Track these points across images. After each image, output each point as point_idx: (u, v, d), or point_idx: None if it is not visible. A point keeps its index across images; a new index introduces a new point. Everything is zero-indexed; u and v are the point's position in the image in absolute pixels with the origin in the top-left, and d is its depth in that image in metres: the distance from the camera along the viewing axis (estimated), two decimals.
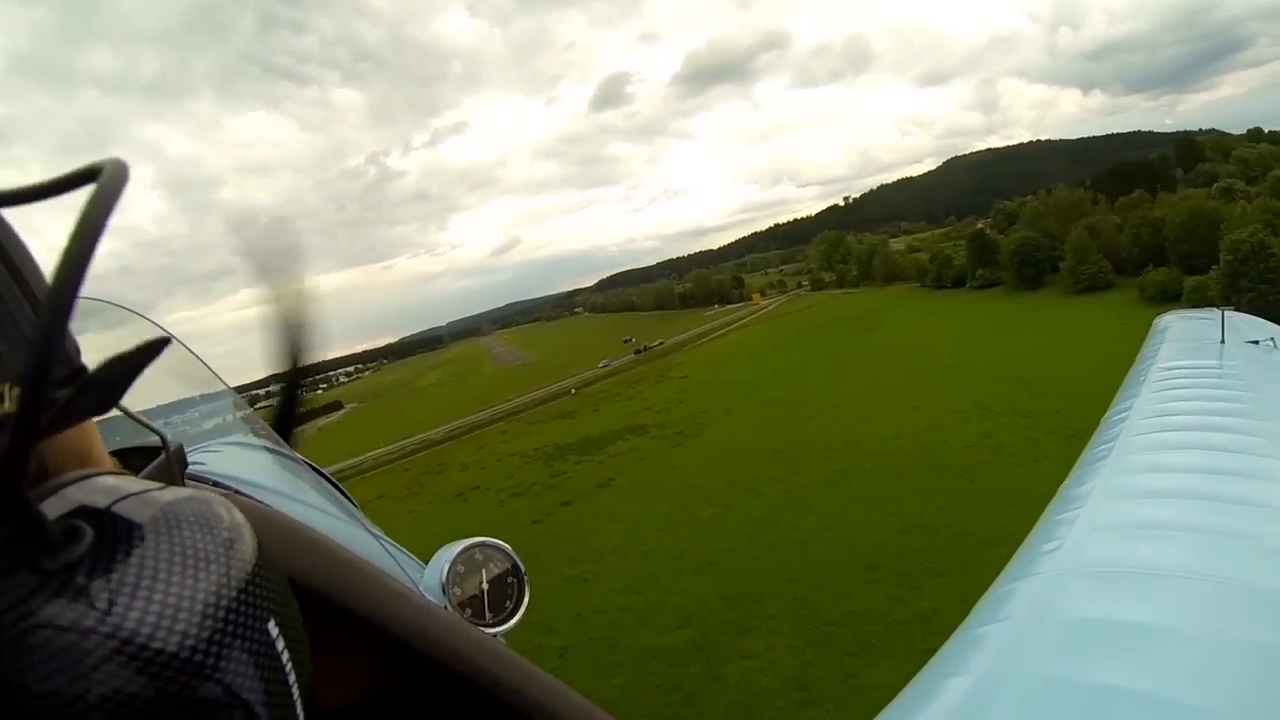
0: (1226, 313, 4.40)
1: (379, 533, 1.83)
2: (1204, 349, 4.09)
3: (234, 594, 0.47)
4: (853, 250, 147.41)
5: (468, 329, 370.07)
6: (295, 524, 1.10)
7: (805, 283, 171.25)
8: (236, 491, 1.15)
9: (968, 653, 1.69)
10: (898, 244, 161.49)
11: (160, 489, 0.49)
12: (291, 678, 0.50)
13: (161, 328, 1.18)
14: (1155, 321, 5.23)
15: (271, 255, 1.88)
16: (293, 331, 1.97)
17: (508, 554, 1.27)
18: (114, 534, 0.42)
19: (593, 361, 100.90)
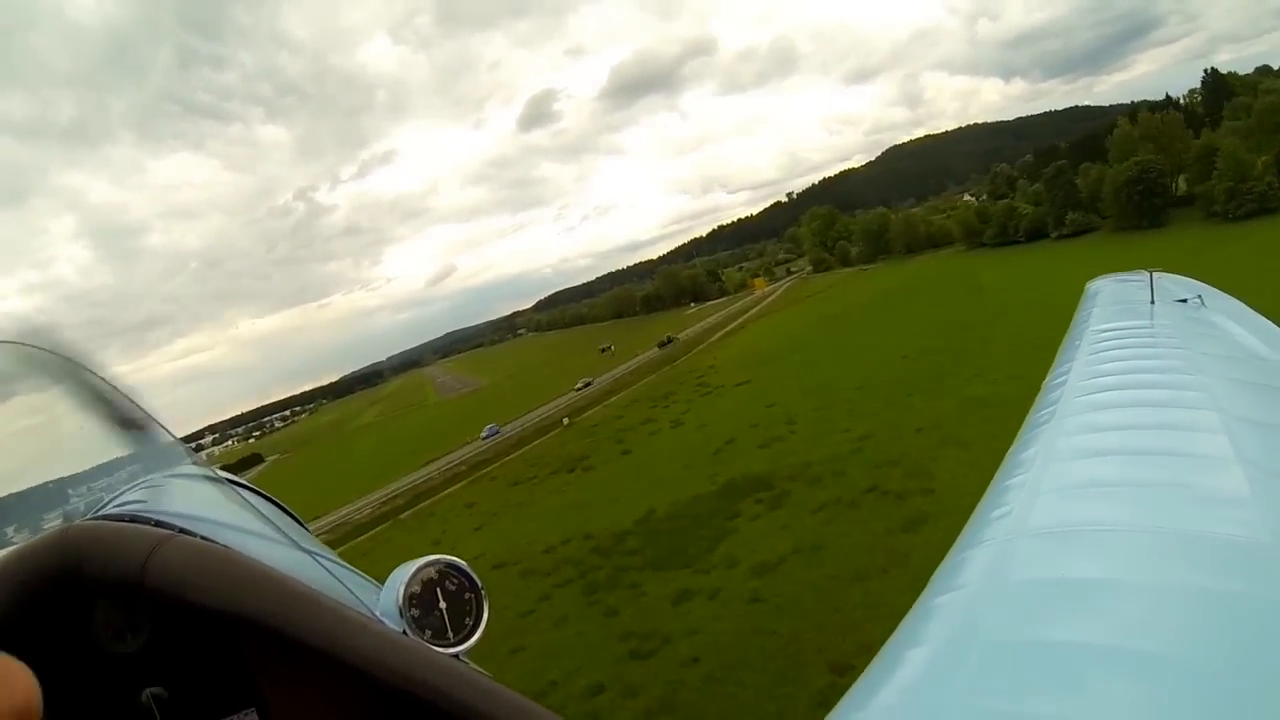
0: (1155, 274, 4.58)
1: (333, 556, 1.78)
2: (1135, 310, 4.24)
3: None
4: (852, 226, 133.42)
5: (409, 361, 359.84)
6: (241, 559, 1.07)
7: (797, 267, 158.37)
8: (182, 530, 1.13)
9: (929, 623, 1.72)
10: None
11: None
12: None
13: (92, 370, 1.18)
14: (1087, 286, 5.41)
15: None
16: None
17: (464, 570, 1.23)
18: None
19: (566, 380, 78.10)
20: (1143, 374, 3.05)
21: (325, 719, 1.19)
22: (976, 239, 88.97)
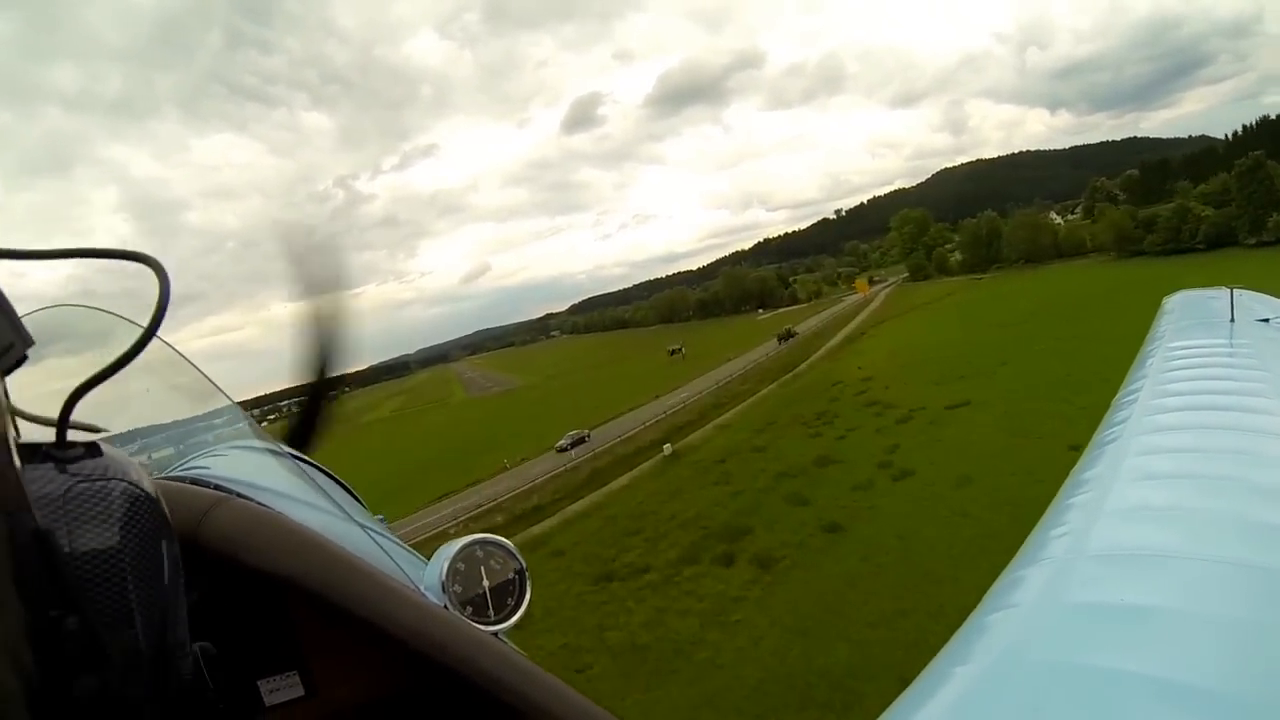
0: (1235, 291, 4.35)
1: (383, 531, 1.84)
2: (1214, 328, 4.04)
3: (136, 526, 0.67)
4: (952, 233, 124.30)
5: (437, 355, 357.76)
6: (292, 525, 1.10)
7: (880, 277, 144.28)
8: (237, 494, 1.16)
9: (978, 641, 1.67)
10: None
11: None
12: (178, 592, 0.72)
13: (168, 344, 1.20)
14: (1164, 301, 5.18)
15: (311, 269, 1.86)
16: (321, 342, 1.96)
17: (510, 551, 1.26)
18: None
19: (623, 386, 67.13)
20: (1217, 395, 2.89)
21: (364, 685, 1.22)
22: (1131, 246, 77.69)
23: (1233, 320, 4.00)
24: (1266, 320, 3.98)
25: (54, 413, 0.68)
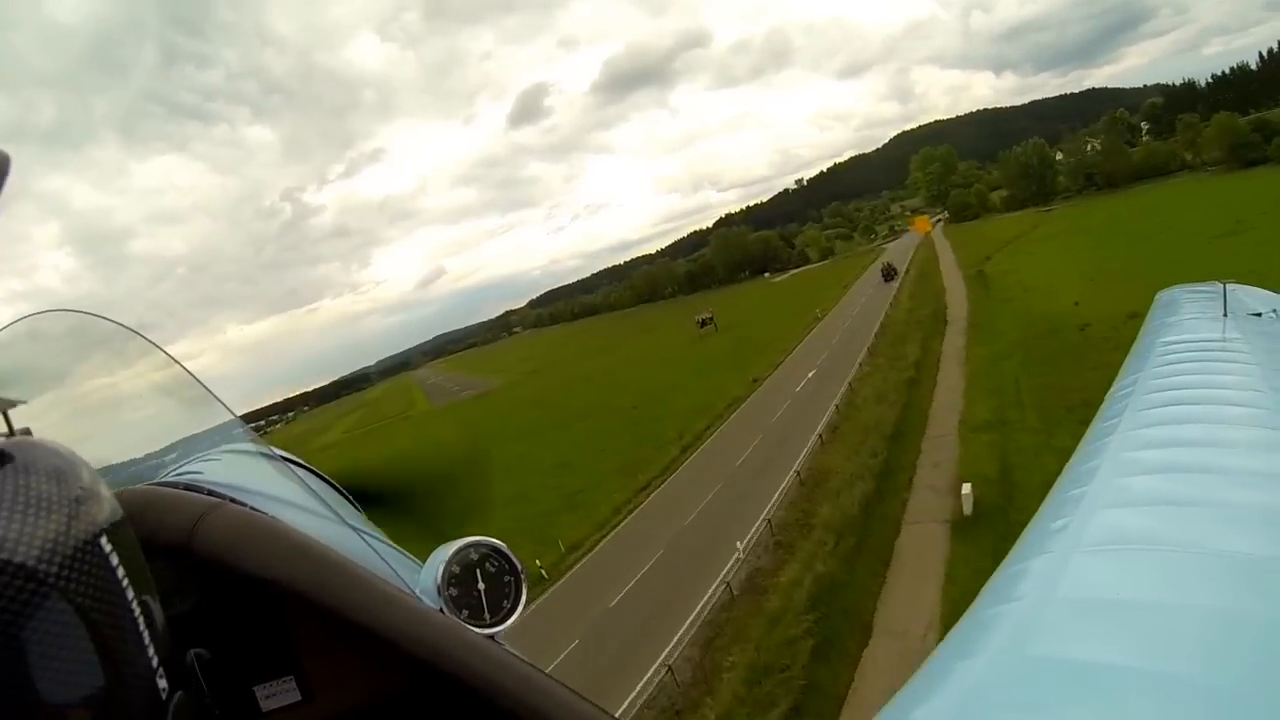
0: (1229, 285, 4.38)
1: (377, 534, 1.83)
2: (1206, 323, 4.06)
3: (69, 519, 0.59)
4: (975, 172, 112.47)
5: (398, 364, 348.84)
6: (286, 530, 1.11)
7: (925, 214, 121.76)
8: (231, 499, 1.16)
9: (979, 634, 1.67)
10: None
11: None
12: (130, 596, 0.62)
13: (160, 347, 1.20)
14: (1157, 296, 5.21)
15: None
16: None
17: (504, 553, 1.25)
18: None
19: (657, 372, 51.95)
20: (1211, 389, 2.91)
21: (361, 690, 1.22)
22: (1250, 154, 69.15)
23: (1225, 315, 4.03)
24: (1259, 314, 4.02)
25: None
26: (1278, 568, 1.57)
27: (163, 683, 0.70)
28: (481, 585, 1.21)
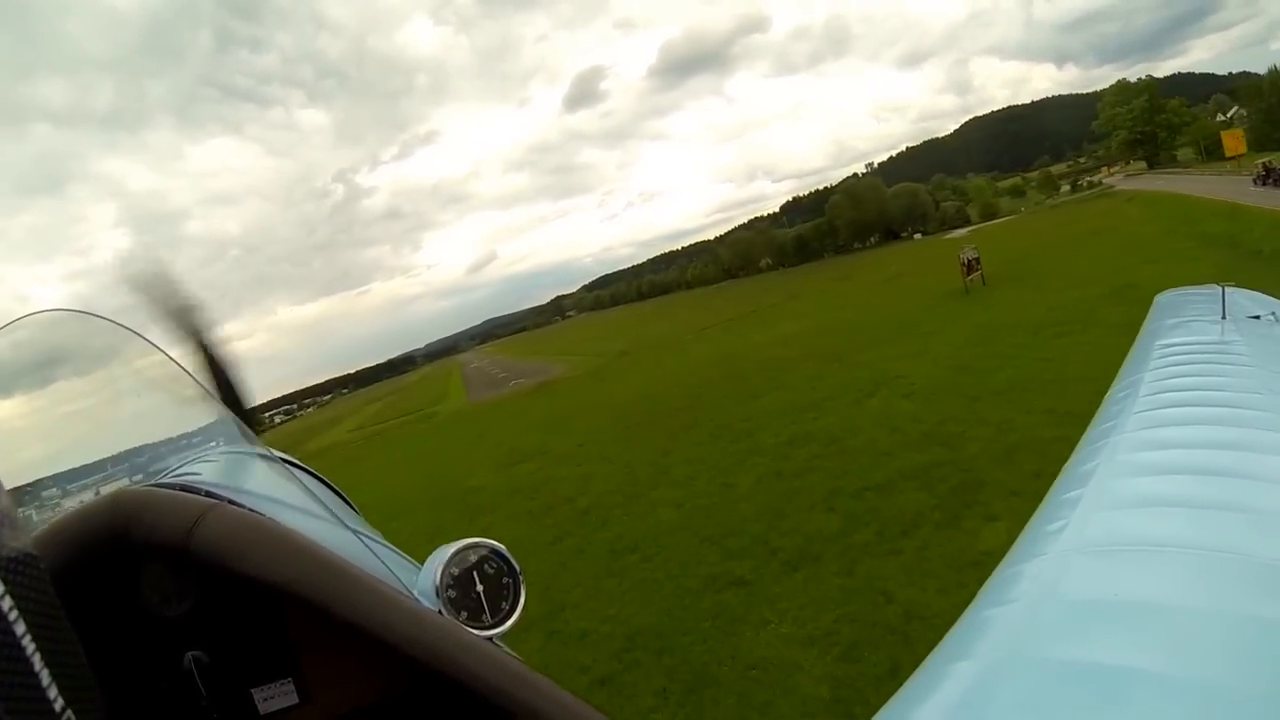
0: (1227, 288, 4.39)
1: (375, 536, 1.83)
2: (1204, 325, 4.08)
3: None
4: (1185, 112, 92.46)
5: (445, 348, 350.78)
6: (284, 531, 1.11)
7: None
8: (229, 501, 1.17)
9: (974, 637, 1.68)
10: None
11: None
12: (20, 630, 0.51)
13: (157, 345, 1.21)
14: (1155, 298, 5.22)
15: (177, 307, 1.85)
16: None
17: (503, 555, 1.26)
18: None
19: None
20: (1210, 391, 2.92)
21: (359, 691, 1.23)
22: None
23: (1224, 317, 4.05)
24: (1257, 317, 4.03)
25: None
26: (1274, 568, 1.58)
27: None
28: (480, 587, 1.21)
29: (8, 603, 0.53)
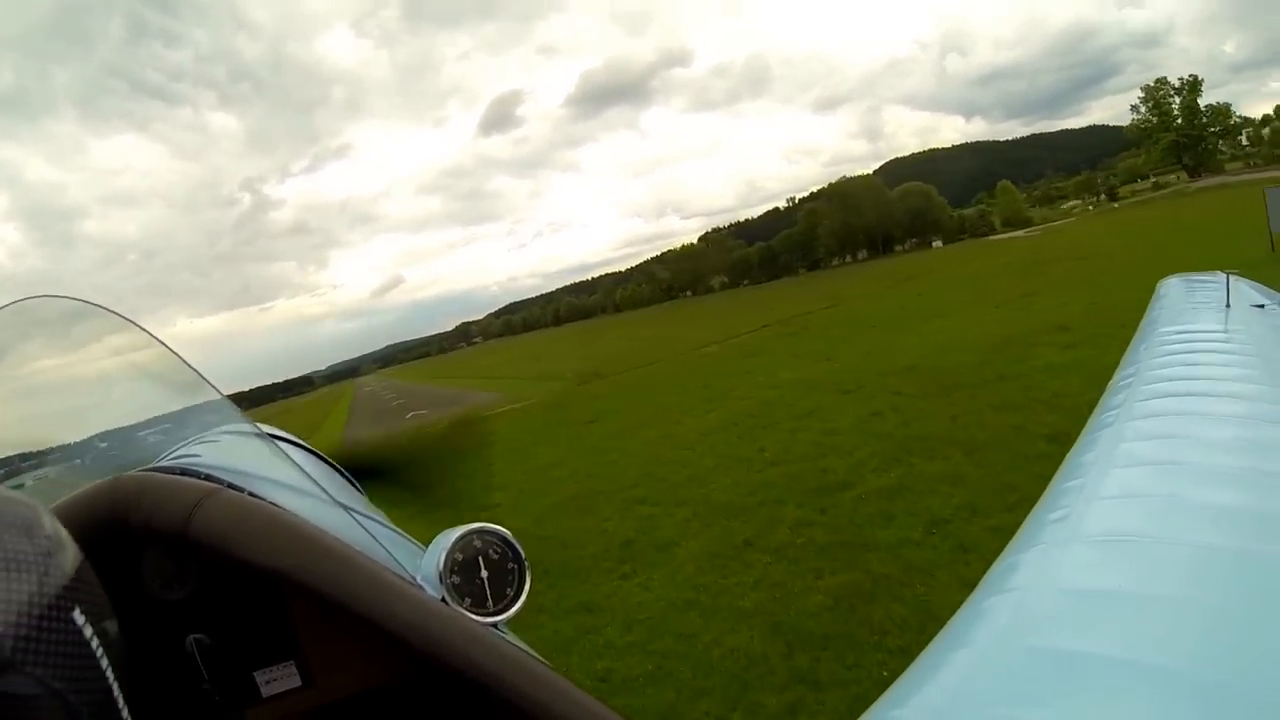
0: (1231, 277, 4.36)
1: (379, 518, 1.82)
2: (1208, 314, 4.07)
3: (46, 596, 0.51)
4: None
5: (347, 370, 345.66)
6: (285, 517, 1.11)
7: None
8: (230, 485, 1.17)
9: (974, 626, 1.68)
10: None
11: None
12: (105, 665, 0.55)
13: (146, 330, 1.21)
14: (1158, 285, 5.19)
15: None
16: None
17: (508, 540, 1.25)
18: None
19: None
20: (1213, 381, 2.92)
21: (362, 674, 1.23)
22: None
23: (1228, 306, 4.03)
24: (1262, 306, 4.02)
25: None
26: (1275, 563, 1.58)
27: None
28: (484, 573, 1.20)
29: (89, 629, 0.55)
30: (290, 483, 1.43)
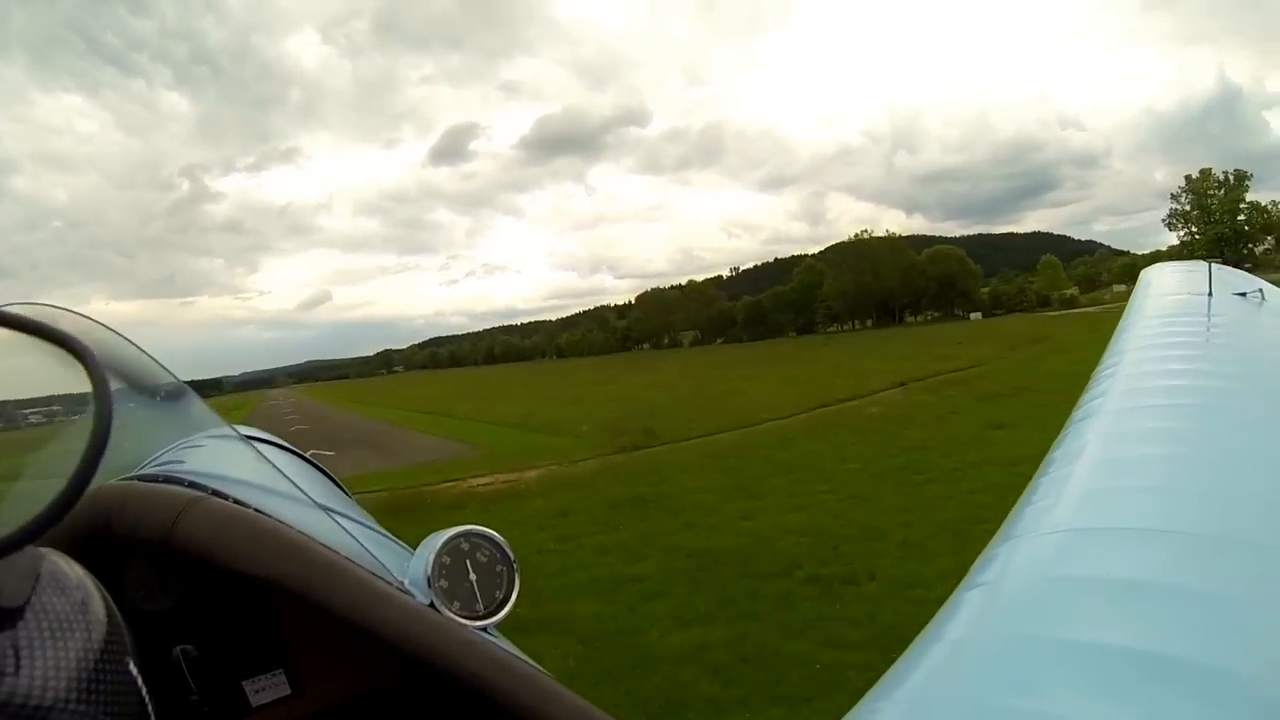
0: (1214, 265, 4.40)
1: (367, 521, 1.81)
2: (1191, 302, 4.11)
3: (96, 649, 0.51)
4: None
5: (260, 380, 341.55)
6: (270, 525, 1.09)
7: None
8: (214, 492, 1.16)
9: (959, 616, 1.69)
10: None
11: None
12: (150, 711, 0.55)
13: (106, 326, 1.19)
14: (1141, 274, 5.23)
15: None
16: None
17: (496, 543, 1.23)
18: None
19: None
20: (1195, 366, 2.95)
21: (353, 681, 1.22)
22: None
23: (1210, 294, 4.06)
24: (1243, 294, 4.06)
25: None
26: (1263, 550, 1.61)
27: None
28: (473, 576, 1.19)
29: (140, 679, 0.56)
30: (276, 488, 1.41)
